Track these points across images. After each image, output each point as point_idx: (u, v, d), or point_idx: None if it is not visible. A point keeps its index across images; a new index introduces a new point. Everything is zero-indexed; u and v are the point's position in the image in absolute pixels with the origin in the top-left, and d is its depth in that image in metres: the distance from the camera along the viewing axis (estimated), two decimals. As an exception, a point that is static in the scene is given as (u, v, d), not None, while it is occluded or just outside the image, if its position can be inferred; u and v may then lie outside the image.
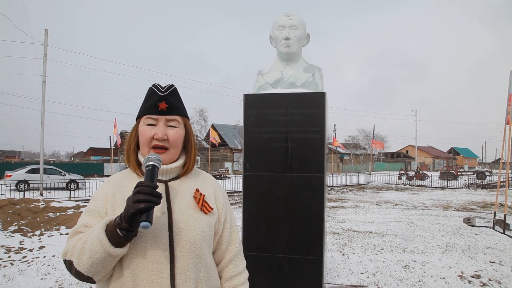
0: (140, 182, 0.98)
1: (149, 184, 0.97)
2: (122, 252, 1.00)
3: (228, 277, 1.25)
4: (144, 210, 0.93)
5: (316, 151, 3.02)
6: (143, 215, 0.93)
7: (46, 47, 18.04)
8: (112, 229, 0.97)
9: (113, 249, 0.97)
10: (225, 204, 1.29)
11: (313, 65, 3.34)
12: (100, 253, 0.97)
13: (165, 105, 1.17)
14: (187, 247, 1.10)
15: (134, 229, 0.97)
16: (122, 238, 0.97)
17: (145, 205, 0.93)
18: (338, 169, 48.21)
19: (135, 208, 0.92)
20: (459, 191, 20.10)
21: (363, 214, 10.58)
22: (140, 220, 0.93)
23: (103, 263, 0.99)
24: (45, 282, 4.39)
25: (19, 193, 15.45)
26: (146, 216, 0.93)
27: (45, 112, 17.79)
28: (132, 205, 0.93)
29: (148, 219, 0.93)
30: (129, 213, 0.93)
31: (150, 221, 0.94)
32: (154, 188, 0.97)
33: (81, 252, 1.00)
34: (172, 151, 1.18)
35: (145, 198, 0.93)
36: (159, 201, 0.97)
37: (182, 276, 1.08)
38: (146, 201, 0.93)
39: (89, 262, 0.98)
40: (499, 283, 4.47)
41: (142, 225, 0.93)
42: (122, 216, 0.96)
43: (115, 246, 0.97)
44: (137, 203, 0.93)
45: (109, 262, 1.01)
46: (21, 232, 6.96)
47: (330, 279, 4.49)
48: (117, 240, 0.97)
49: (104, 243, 0.96)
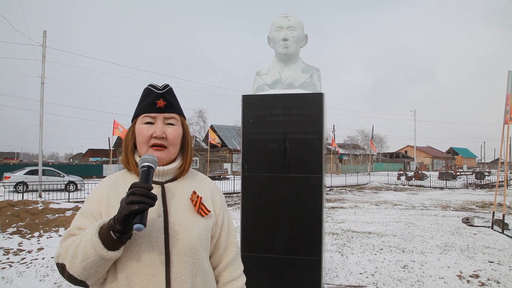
0: (134, 183, 0.96)
1: (143, 185, 0.94)
2: (116, 255, 0.97)
3: (225, 281, 1.22)
4: (137, 212, 0.90)
5: (314, 152, 3.03)
6: (136, 217, 0.91)
7: (44, 49, 18.03)
8: (106, 232, 0.94)
9: (107, 252, 0.94)
10: (223, 207, 1.27)
11: (311, 66, 3.34)
12: (93, 257, 0.94)
13: (163, 102, 1.16)
14: (183, 250, 1.08)
15: (128, 231, 0.94)
16: (116, 241, 0.94)
17: (139, 206, 0.90)
18: (337, 170, 48.25)
19: (128, 210, 0.90)
20: (458, 191, 20.12)
21: (362, 215, 10.58)
22: (134, 222, 0.91)
23: (96, 266, 0.97)
24: (43, 283, 4.38)
25: (18, 194, 15.40)
26: (139, 218, 0.91)
27: (43, 113, 17.78)
28: (125, 207, 0.91)
29: (141, 221, 0.91)
30: (123, 215, 0.91)
31: (144, 223, 0.91)
32: (148, 189, 0.95)
33: (74, 255, 0.97)
34: (171, 150, 1.17)
35: (139, 199, 0.91)
36: (153, 202, 0.94)
37: (178, 281, 1.05)
38: (140, 203, 0.91)
39: (82, 265, 0.96)
40: (497, 282, 4.47)
41: (136, 227, 0.90)
42: (115, 218, 0.93)
43: (109, 249, 0.94)
44: (130, 205, 0.90)
45: (102, 266, 0.98)
46: (19, 233, 6.94)
47: (329, 280, 4.50)
48: (111, 243, 0.94)
49: (97, 246, 0.94)
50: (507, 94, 7.89)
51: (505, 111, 7.94)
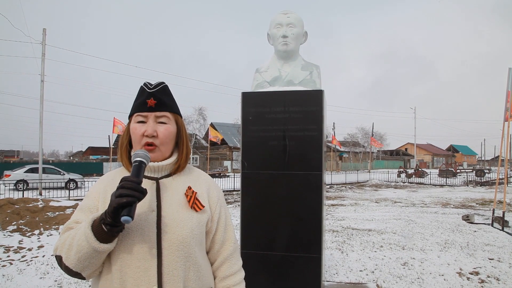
0: (124, 177, 0.99)
1: (132, 179, 0.98)
2: (108, 247, 1.00)
3: (223, 276, 1.23)
4: (126, 205, 0.94)
5: (314, 149, 3.02)
6: (125, 209, 0.94)
7: (44, 46, 17.97)
8: (98, 225, 0.98)
9: (99, 245, 0.97)
10: (219, 202, 1.28)
11: (311, 63, 3.33)
12: (86, 249, 0.98)
13: (153, 101, 1.17)
14: (175, 244, 1.10)
15: (118, 224, 0.97)
16: (107, 233, 0.97)
17: (127, 199, 0.93)
18: (337, 167, 48.26)
19: (116, 203, 0.93)
20: (458, 189, 20.12)
21: (362, 212, 10.59)
22: (122, 215, 0.93)
23: (90, 258, 1.00)
24: (44, 281, 4.39)
25: (18, 192, 15.44)
26: (127, 210, 0.94)
27: (43, 111, 17.72)
28: (114, 200, 0.94)
29: (129, 213, 0.93)
30: (112, 208, 0.94)
31: (132, 215, 0.94)
32: (138, 183, 0.98)
33: (69, 247, 1.01)
34: (162, 148, 1.18)
35: (127, 192, 0.94)
36: (142, 196, 0.98)
37: (169, 274, 1.08)
38: (129, 196, 0.94)
39: (76, 257, 1.00)
40: (497, 279, 4.48)
41: (123, 219, 0.93)
42: (106, 211, 0.97)
43: (101, 242, 0.98)
44: (119, 198, 0.94)
45: (96, 258, 1.01)
46: (20, 231, 6.95)
47: (329, 277, 4.50)
48: (102, 236, 0.97)
49: (90, 239, 0.97)
50: (508, 91, 7.88)
51: (505, 109, 7.92)
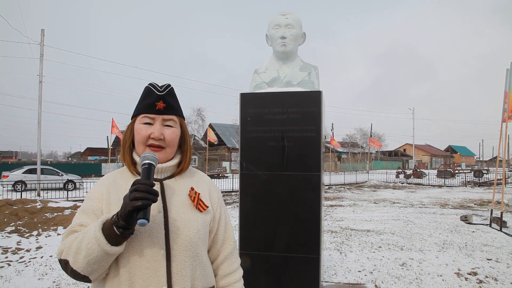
0: (137, 180, 0.99)
1: (146, 182, 0.98)
2: (118, 250, 1.00)
3: (223, 274, 1.26)
4: (141, 208, 0.94)
5: (312, 150, 3.03)
6: (140, 212, 0.94)
7: (42, 47, 17.96)
8: (109, 227, 0.97)
9: (110, 248, 0.97)
10: (220, 203, 1.31)
11: (309, 64, 3.34)
12: (96, 252, 0.97)
13: (162, 104, 1.17)
14: (184, 245, 1.11)
15: (131, 227, 0.97)
16: (119, 236, 0.97)
17: (142, 202, 0.93)
18: (336, 168, 48.30)
19: (132, 206, 0.93)
20: (456, 189, 20.16)
21: (361, 213, 10.60)
22: (138, 218, 0.94)
23: (100, 261, 0.99)
24: (42, 282, 4.37)
25: (16, 193, 15.39)
26: (143, 213, 0.94)
27: (42, 112, 17.69)
28: (129, 203, 0.94)
29: (145, 216, 0.94)
30: (126, 211, 0.94)
31: (148, 218, 0.95)
32: (151, 186, 0.98)
33: (77, 251, 0.99)
34: (168, 151, 1.20)
35: (142, 195, 0.94)
36: (156, 198, 0.97)
37: (178, 274, 1.09)
38: (143, 199, 0.94)
39: (86, 261, 0.98)
40: (495, 280, 4.49)
41: (140, 223, 0.94)
42: (119, 214, 0.96)
43: (112, 245, 0.97)
44: (134, 201, 0.94)
45: (105, 261, 1.01)
46: (18, 232, 6.93)
47: (328, 278, 4.50)
48: (114, 238, 0.97)
49: (101, 242, 0.96)
50: (505, 92, 7.90)
51: (503, 109, 7.95)
